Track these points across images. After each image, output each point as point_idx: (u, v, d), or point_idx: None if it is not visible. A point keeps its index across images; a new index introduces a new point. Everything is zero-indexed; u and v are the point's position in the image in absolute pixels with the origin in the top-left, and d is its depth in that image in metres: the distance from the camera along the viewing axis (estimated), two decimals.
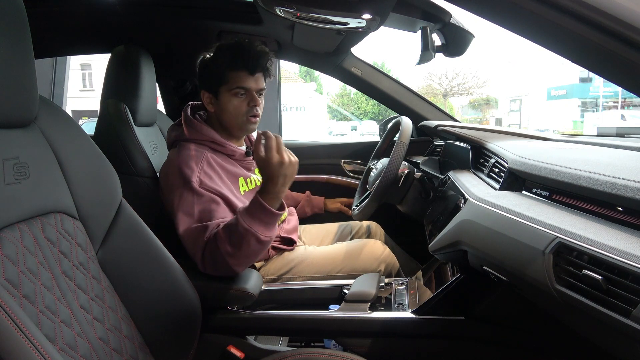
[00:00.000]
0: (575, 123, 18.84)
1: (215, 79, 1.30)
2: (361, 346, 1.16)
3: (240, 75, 1.28)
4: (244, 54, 1.27)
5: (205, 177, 1.22)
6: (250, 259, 1.13)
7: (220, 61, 1.29)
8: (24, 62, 0.73)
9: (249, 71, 1.28)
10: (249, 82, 1.29)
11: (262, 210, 1.07)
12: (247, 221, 1.07)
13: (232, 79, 1.28)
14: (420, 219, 1.44)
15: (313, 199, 1.82)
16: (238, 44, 1.29)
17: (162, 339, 0.91)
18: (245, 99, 1.31)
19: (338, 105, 25.45)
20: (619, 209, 0.62)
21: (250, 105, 1.31)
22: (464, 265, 0.99)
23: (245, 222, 1.07)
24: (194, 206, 1.17)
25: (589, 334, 0.68)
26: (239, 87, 1.29)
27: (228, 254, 1.09)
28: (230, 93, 1.30)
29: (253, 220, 1.07)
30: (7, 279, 0.66)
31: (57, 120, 0.85)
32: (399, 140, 1.40)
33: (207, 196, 1.19)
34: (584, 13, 0.55)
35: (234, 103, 1.30)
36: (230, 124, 1.34)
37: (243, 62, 1.27)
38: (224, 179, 1.28)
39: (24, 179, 0.73)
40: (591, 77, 19.56)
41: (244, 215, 1.08)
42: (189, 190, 1.18)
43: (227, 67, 1.28)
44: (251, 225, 1.07)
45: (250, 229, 1.06)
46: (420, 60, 1.52)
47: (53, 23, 1.70)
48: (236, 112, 1.31)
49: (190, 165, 1.22)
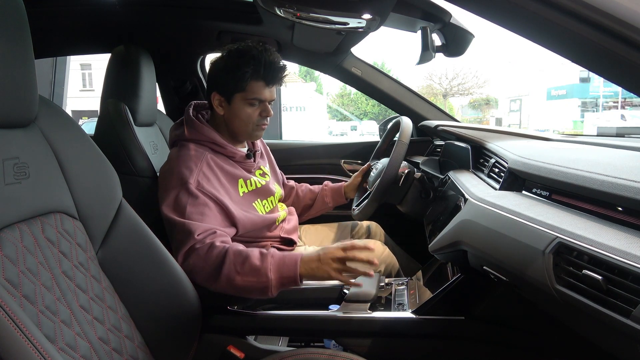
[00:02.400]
0: (575, 123, 18.84)
1: (231, 84, 1.28)
2: (361, 346, 1.16)
3: (258, 86, 1.27)
4: (267, 67, 1.26)
5: (203, 179, 1.21)
6: (236, 292, 1.07)
7: (241, 70, 1.26)
8: (24, 62, 0.73)
9: (267, 83, 1.28)
10: (265, 94, 1.29)
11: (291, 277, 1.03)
12: (274, 272, 1.03)
13: (249, 89, 1.27)
14: (420, 219, 1.44)
15: (333, 188, 1.69)
16: (260, 54, 1.26)
17: (162, 339, 0.91)
18: (258, 108, 1.31)
19: (338, 105, 25.45)
20: (619, 209, 0.62)
21: (262, 116, 1.32)
22: (464, 265, 0.99)
23: (270, 272, 1.03)
24: (187, 206, 1.16)
25: (589, 334, 0.68)
26: (256, 98, 1.29)
27: (228, 276, 1.04)
28: (245, 101, 1.29)
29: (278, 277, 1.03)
30: (7, 279, 0.66)
31: (57, 121, 0.85)
32: (399, 140, 1.40)
33: (202, 199, 1.18)
34: (584, 13, 0.55)
35: (247, 111, 1.30)
36: (239, 130, 1.34)
37: (265, 75, 1.27)
38: (223, 181, 1.27)
39: (24, 179, 0.73)
40: (591, 77, 19.56)
41: (274, 264, 1.04)
42: (185, 190, 1.18)
43: (248, 77, 1.26)
44: (273, 276, 1.03)
45: (271, 279, 1.02)
46: (420, 60, 1.52)
47: (53, 23, 1.70)
48: (248, 120, 1.31)
49: (189, 165, 1.22)
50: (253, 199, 1.36)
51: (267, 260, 1.04)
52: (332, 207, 1.70)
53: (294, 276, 1.03)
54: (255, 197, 1.37)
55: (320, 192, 1.69)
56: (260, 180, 1.40)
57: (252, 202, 1.35)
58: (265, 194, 1.41)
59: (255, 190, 1.37)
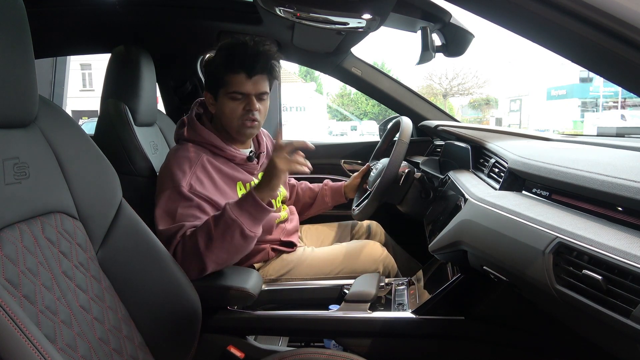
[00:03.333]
0: (575, 123, 18.84)
1: (214, 81, 1.27)
2: (361, 346, 1.16)
3: (238, 78, 1.23)
4: (240, 55, 1.22)
5: (196, 182, 1.20)
6: (228, 255, 1.10)
7: (217, 63, 1.25)
8: (24, 62, 0.73)
9: (247, 74, 1.23)
10: (246, 86, 1.24)
11: (253, 202, 1.08)
12: (235, 212, 1.07)
13: (229, 82, 1.24)
14: (420, 219, 1.44)
15: (333, 187, 1.69)
16: (235, 44, 1.24)
17: (162, 339, 0.91)
18: (242, 102, 1.26)
19: (338, 105, 25.44)
20: (619, 209, 0.62)
21: (246, 110, 1.26)
22: (464, 265, 0.99)
23: (233, 213, 1.06)
24: (178, 208, 1.15)
25: (589, 334, 0.68)
26: (236, 91, 1.24)
27: (206, 247, 1.06)
28: (227, 96, 1.26)
29: (241, 212, 1.07)
30: (7, 279, 0.66)
31: (57, 121, 0.85)
32: (399, 140, 1.40)
33: (195, 201, 1.17)
34: (584, 13, 0.55)
35: (230, 106, 1.26)
36: (227, 127, 1.32)
37: (239, 65, 1.22)
38: (218, 184, 1.26)
39: (24, 179, 0.73)
40: (591, 77, 19.56)
41: (233, 206, 1.08)
42: (177, 193, 1.17)
43: (224, 70, 1.24)
44: (239, 216, 1.06)
45: (237, 219, 1.06)
46: (420, 60, 1.52)
47: (53, 23, 1.70)
48: (231, 115, 1.27)
49: (183, 168, 1.20)
50: None
51: (226, 210, 1.08)
52: (331, 206, 1.70)
53: (256, 202, 1.08)
54: None
55: (320, 191, 1.69)
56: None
57: None
58: None
59: None
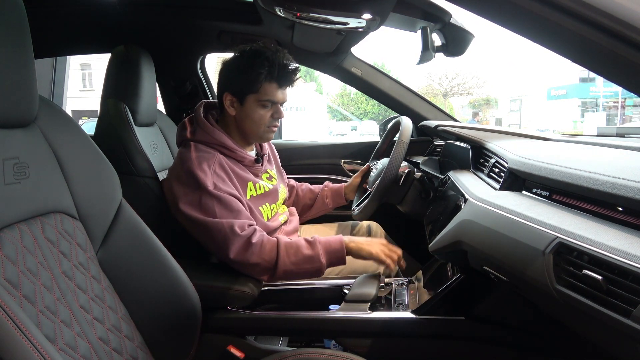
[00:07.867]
0: (575, 123, 18.84)
1: (245, 85, 1.27)
2: (361, 346, 1.16)
3: (272, 87, 1.28)
4: (281, 68, 1.26)
5: (218, 180, 1.22)
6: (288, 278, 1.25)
7: (255, 71, 1.25)
8: (24, 62, 0.73)
9: (279, 84, 1.28)
10: (278, 96, 1.29)
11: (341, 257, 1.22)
12: (324, 257, 1.21)
13: (263, 91, 1.27)
14: (420, 219, 1.44)
15: (333, 188, 1.71)
16: (274, 55, 1.26)
17: (162, 339, 0.91)
18: (270, 110, 1.31)
19: (338, 105, 25.43)
20: (619, 209, 0.62)
21: (274, 117, 1.33)
22: (464, 265, 0.99)
23: (322, 257, 1.20)
24: (215, 208, 1.18)
25: (589, 334, 0.68)
26: (269, 100, 1.29)
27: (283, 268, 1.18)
28: (258, 103, 1.29)
29: (330, 259, 1.22)
30: (7, 279, 0.66)
31: (57, 120, 0.85)
32: (399, 140, 1.40)
33: (225, 197, 1.20)
34: (584, 13, 0.55)
35: (260, 113, 1.30)
36: (250, 132, 1.33)
37: (278, 77, 1.27)
38: (235, 183, 1.28)
39: (23, 179, 0.73)
40: (591, 77, 19.55)
41: (322, 250, 1.21)
42: (206, 194, 1.18)
43: (262, 79, 1.26)
44: (326, 261, 1.21)
45: (324, 265, 1.20)
46: (420, 60, 1.52)
47: (53, 23, 1.70)
48: (260, 121, 1.31)
49: (202, 168, 1.21)
50: (260, 202, 1.36)
51: (316, 247, 1.20)
52: (331, 208, 1.70)
53: (342, 256, 1.22)
54: (262, 201, 1.37)
55: (321, 192, 1.69)
56: (267, 184, 1.40)
57: (258, 206, 1.35)
58: (271, 197, 1.42)
59: (263, 194, 1.37)
